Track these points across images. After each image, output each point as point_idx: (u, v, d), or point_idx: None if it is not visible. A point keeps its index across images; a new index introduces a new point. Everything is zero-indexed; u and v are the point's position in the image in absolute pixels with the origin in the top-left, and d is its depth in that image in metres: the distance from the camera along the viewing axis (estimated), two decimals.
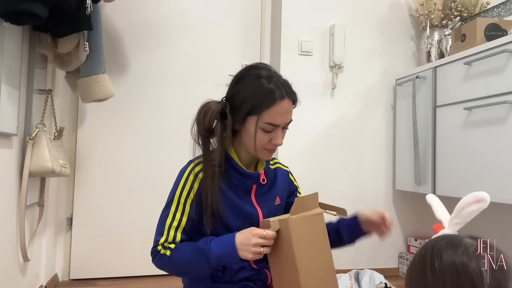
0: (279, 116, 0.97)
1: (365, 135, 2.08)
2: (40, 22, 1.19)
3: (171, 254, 0.96)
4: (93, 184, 1.92)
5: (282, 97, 0.97)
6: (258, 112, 0.96)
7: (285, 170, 1.18)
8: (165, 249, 0.97)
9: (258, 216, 1.05)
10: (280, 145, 1.02)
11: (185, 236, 1.00)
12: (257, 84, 0.98)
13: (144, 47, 2.02)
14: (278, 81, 0.99)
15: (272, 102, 0.96)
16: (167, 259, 0.96)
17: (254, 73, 1.00)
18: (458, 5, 1.94)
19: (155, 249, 0.99)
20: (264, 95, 0.96)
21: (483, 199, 0.82)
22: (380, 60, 2.12)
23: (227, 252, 0.92)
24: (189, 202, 1.01)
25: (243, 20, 2.16)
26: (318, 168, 2.01)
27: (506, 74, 1.38)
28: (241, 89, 1.00)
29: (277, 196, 1.10)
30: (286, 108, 0.99)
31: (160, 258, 0.97)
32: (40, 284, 1.63)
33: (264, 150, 1.01)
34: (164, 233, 0.99)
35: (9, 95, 1.24)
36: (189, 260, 0.95)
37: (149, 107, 2.01)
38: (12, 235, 1.32)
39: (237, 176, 1.03)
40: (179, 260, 0.96)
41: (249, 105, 0.97)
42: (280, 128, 0.99)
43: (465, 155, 1.55)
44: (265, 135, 0.98)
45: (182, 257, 0.96)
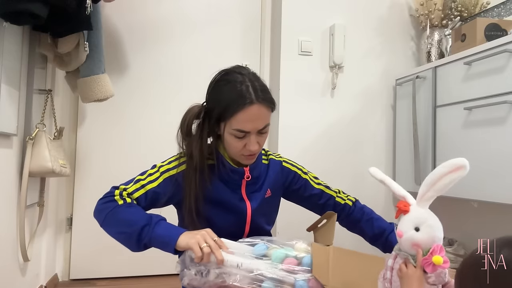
0: (247, 122, 0.94)
1: (365, 135, 2.08)
2: (40, 22, 1.19)
3: (121, 205, 0.93)
4: (93, 184, 1.92)
5: (251, 102, 0.93)
6: (226, 119, 0.95)
7: (278, 161, 1.17)
8: (121, 198, 0.94)
9: (246, 209, 1.06)
10: (256, 151, 0.99)
11: (143, 199, 0.97)
12: (228, 89, 0.96)
13: (144, 47, 2.02)
14: (250, 85, 0.95)
15: (240, 107, 0.93)
16: (114, 206, 0.93)
17: (226, 78, 0.99)
18: (458, 5, 1.94)
19: (112, 193, 0.96)
20: (231, 101, 0.94)
21: (463, 165, 0.76)
22: (380, 60, 2.12)
23: (169, 234, 0.88)
24: (165, 175, 1.01)
25: (243, 20, 2.16)
26: (318, 168, 1.99)
27: (506, 74, 1.38)
28: (214, 93, 1.00)
29: (268, 189, 1.11)
30: (256, 113, 0.94)
31: (110, 201, 0.94)
32: (40, 284, 1.63)
33: (241, 155, 1.00)
34: (130, 184, 0.98)
35: (9, 95, 1.24)
36: (133, 219, 0.91)
37: (149, 107, 2.01)
38: (12, 235, 1.32)
39: (227, 171, 1.04)
40: (125, 214, 0.92)
41: (219, 111, 0.96)
42: (252, 134, 0.96)
43: (465, 155, 1.54)
44: (238, 141, 0.96)
45: (130, 213, 0.92)
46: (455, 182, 0.76)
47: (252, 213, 1.07)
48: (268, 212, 1.15)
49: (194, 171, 0.99)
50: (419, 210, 0.80)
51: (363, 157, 2.07)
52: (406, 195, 0.83)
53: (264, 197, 1.10)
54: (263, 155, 1.16)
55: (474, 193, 1.48)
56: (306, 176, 1.19)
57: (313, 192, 1.18)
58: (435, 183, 0.78)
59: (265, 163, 1.14)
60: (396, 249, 0.83)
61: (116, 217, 0.93)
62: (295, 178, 1.17)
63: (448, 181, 0.76)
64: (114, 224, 0.95)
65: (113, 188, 0.99)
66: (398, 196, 0.84)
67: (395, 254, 0.83)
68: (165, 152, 1.97)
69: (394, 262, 0.82)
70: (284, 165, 1.17)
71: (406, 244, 0.78)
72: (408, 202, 0.82)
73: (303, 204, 1.22)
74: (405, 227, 0.79)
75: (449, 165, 0.77)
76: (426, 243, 0.77)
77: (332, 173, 2.01)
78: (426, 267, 0.74)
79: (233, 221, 1.06)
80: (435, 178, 0.77)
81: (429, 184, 0.78)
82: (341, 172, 2.02)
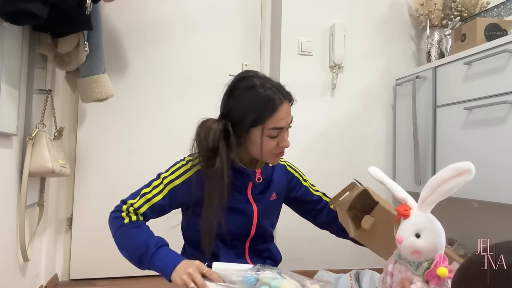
0: (281, 120, 0.98)
1: (365, 135, 2.08)
2: (40, 22, 1.19)
3: (127, 224, 0.97)
4: (93, 184, 1.92)
5: (281, 101, 0.98)
6: (261, 122, 0.96)
7: (282, 164, 1.18)
8: (127, 215, 0.98)
9: (253, 212, 1.06)
10: (288, 147, 1.02)
11: (150, 213, 1.01)
12: (253, 95, 0.97)
13: (144, 47, 2.02)
14: (272, 86, 0.98)
15: (274, 109, 0.96)
16: (121, 225, 0.97)
17: (246, 84, 0.99)
18: (458, 5, 1.94)
19: (121, 206, 1.00)
20: (263, 105, 0.96)
21: (469, 170, 0.70)
22: (380, 60, 2.12)
23: (164, 267, 0.92)
24: (170, 187, 1.02)
25: (243, 20, 2.15)
26: (318, 168, 2.01)
27: (506, 74, 1.38)
28: (238, 102, 0.99)
29: (273, 192, 1.11)
30: (287, 110, 1.00)
31: (117, 218, 0.98)
32: (40, 284, 1.63)
33: (273, 155, 1.02)
34: (137, 198, 1.01)
35: (9, 95, 1.24)
36: (134, 243, 0.95)
37: (149, 107, 2.01)
38: (12, 235, 1.32)
39: (234, 173, 1.04)
40: (128, 236, 0.97)
41: (251, 118, 0.96)
42: (285, 130, 1.01)
43: (465, 155, 1.55)
44: (272, 140, 0.99)
45: (132, 236, 0.96)
46: (459, 187, 0.71)
47: (258, 215, 1.07)
48: (272, 215, 1.15)
49: (222, 186, 0.98)
50: (421, 215, 0.76)
51: (363, 157, 2.07)
52: (407, 197, 0.80)
53: (270, 200, 1.10)
54: None
55: (474, 193, 1.48)
56: (306, 184, 1.22)
57: (313, 198, 1.21)
58: (438, 187, 0.73)
59: (270, 165, 1.14)
60: (396, 254, 0.81)
61: (122, 236, 0.98)
62: (298, 185, 1.20)
63: (452, 185, 0.71)
64: (120, 242, 0.99)
65: (122, 203, 1.02)
66: (399, 198, 0.81)
67: (394, 259, 0.81)
68: (165, 152, 1.98)
69: (394, 268, 0.80)
70: (288, 169, 1.19)
71: (406, 250, 0.75)
72: (408, 205, 0.78)
73: (300, 209, 1.24)
74: (405, 232, 0.75)
75: (454, 169, 0.71)
76: (427, 251, 0.73)
77: (332, 173, 2.01)
78: (431, 280, 0.71)
79: (239, 224, 1.06)
80: (439, 182, 0.73)
81: (432, 188, 0.74)
82: (341, 172, 2.02)
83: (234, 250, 1.08)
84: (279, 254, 1.19)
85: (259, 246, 1.12)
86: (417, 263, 0.75)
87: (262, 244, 1.13)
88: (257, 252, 1.12)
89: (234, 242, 1.08)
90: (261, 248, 1.13)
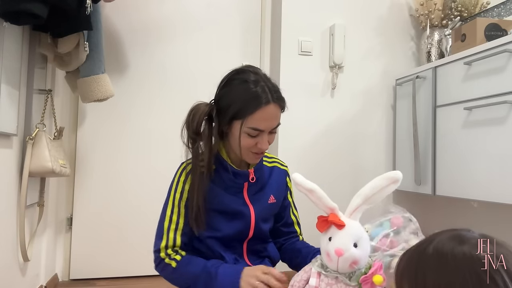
0: (263, 121, 0.96)
1: (365, 135, 2.08)
2: (40, 22, 1.19)
3: (177, 267, 0.97)
4: (93, 184, 1.92)
5: (268, 102, 0.95)
6: (242, 117, 0.95)
7: (283, 170, 1.18)
8: (170, 259, 0.98)
9: (250, 214, 1.06)
10: (266, 150, 1.00)
11: (185, 238, 1.01)
12: (243, 88, 0.97)
13: (144, 47, 2.02)
14: (265, 85, 0.97)
15: (257, 107, 0.94)
16: (172, 270, 0.98)
17: (241, 77, 0.99)
18: (458, 5, 1.94)
19: (158, 255, 0.99)
20: (249, 100, 0.95)
21: (398, 179, 0.76)
22: (380, 60, 2.12)
23: (231, 281, 0.92)
24: (183, 203, 1.01)
25: (243, 20, 2.15)
26: (318, 168, 2.01)
27: (506, 74, 1.38)
28: (228, 92, 1.00)
29: (271, 194, 1.10)
30: (272, 113, 0.97)
31: (165, 267, 0.99)
32: (40, 284, 1.63)
33: (250, 153, 1.00)
34: (164, 237, 0.99)
35: (9, 95, 1.24)
36: (194, 277, 0.96)
37: (149, 107, 2.01)
38: (12, 235, 1.32)
39: (228, 175, 1.03)
40: (185, 275, 0.97)
41: (234, 109, 0.96)
42: (265, 133, 0.97)
43: (465, 155, 1.55)
44: (250, 139, 0.97)
45: (188, 273, 0.97)
46: (387, 195, 0.75)
47: (255, 217, 1.06)
48: (269, 216, 1.15)
49: (201, 172, 0.99)
50: (356, 224, 0.75)
51: (363, 157, 2.07)
52: (335, 207, 0.79)
53: (268, 203, 1.10)
54: (267, 158, 1.16)
55: (474, 193, 1.48)
56: (290, 199, 1.20)
57: (288, 220, 1.19)
58: (370, 196, 0.75)
59: (268, 166, 1.13)
60: (318, 266, 0.78)
61: (180, 279, 0.99)
62: (287, 195, 1.19)
63: (383, 194, 0.75)
64: (183, 286, 1.00)
65: (156, 253, 1.01)
66: (329, 208, 0.79)
67: (317, 272, 0.77)
68: (165, 152, 1.98)
69: (319, 282, 0.77)
70: (288, 178, 1.19)
71: (346, 263, 0.73)
72: (336, 213, 0.77)
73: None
74: (345, 244, 0.73)
75: (387, 178, 0.75)
76: (363, 260, 0.74)
77: (332, 173, 2.01)
78: (364, 285, 0.71)
79: (237, 227, 1.05)
80: (374, 191, 0.75)
81: (366, 196, 0.75)
82: (341, 172, 2.02)
83: (232, 251, 1.08)
84: (277, 254, 1.19)
85: (257, 246, 1.12)
86: (349, 273, 0.75)
87: (260, 244, 1.13)
88: (255, 252, 1.12)
89: (233, 243, 1.08)
90: (259, 249, 1.13)
